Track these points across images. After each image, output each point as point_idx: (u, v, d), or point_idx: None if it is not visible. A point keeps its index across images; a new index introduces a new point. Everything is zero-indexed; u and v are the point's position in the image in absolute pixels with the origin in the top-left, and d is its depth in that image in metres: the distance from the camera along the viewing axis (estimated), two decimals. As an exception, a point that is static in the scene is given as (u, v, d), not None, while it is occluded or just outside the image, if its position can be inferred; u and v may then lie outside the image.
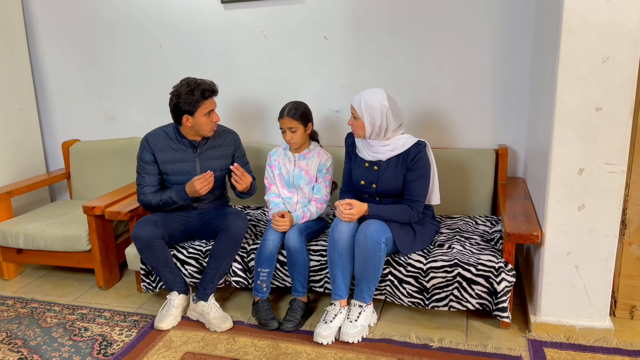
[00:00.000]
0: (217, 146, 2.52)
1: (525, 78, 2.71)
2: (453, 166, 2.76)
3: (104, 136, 3.51)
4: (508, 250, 2.18)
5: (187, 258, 2.50)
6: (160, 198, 2.43)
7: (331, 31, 2.92)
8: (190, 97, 2.32)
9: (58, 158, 3.65)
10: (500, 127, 2.82)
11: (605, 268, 2.08)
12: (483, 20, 2.69)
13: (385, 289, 2.30)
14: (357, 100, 2.25)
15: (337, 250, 2.22)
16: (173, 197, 2.41)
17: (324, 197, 2.49)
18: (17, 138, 3.38)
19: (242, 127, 3.17)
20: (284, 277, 2.44)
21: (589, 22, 1.86)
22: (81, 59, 3.40)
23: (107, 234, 2.79)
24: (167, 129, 2.51)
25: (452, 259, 2.21)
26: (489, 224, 2.59)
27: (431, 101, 2.87)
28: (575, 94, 1.94)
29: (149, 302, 2.67)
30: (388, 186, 2.28)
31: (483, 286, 2.16)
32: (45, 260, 2.88)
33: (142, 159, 2.45)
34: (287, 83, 3.07)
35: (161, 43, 3.22)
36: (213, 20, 3.09)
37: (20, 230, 2.83)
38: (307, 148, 2.55)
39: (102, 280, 2.79)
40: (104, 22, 3.27)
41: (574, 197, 2.04)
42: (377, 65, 2.90)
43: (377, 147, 2.29)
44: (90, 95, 3.46)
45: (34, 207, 3.48)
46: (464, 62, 2.77)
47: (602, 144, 1.96)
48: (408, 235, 2.27)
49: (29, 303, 2.69)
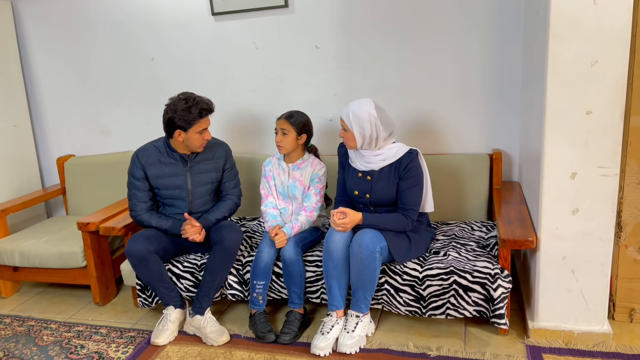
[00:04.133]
0: (207, 159, 2.51)
1: (517, 82, 2.71)
2: (448, 172, 2.75)
3: (98, 151, 3.51)
4: (503, 256, 2.17)
5: (183, 272, 2.49)
6: (154, 224, 2.45)
7: (322, 40, 2.92)
8: (186, 114, 2.32)
9: (53, 174, 3.65)
10: (494, 131, 2.81)
11: (602, 271, 2.07)
12: (473, 26, 2.69)
13: (382, 298, 2.29)
14: (345, 112, 2.25)
15: (332, 261, 2.21)
16: (169, 229, 2.44)
17: (314, 205, 2.47)
18: (11, 155, 3.38)
19: (236, 138, 3.17)
20: (280, 289, 2.43)
21: (576, 26, 1.86)
22: (74, 74, 3.40)
23: (102, 250, 2.78)
24: (157, 143, 2.50)
25: (447, 266, 2.20)
26: (485, 230, 2.58)
27: (424, 107, 2.86)
28: (565, 99, 1.93)
29: (146, 317, 2.66)
30: (382, 196, 2.28)
31: (479, 293, 2.14)
32: (41, 277, 2.87)
33: (132, 174, 2.45)
34: (280, 93, 3.07)
35: (153, 56, 3.22)
36: (204, 32, 3.09)
37: (16, 248, 2.82)
38: (301, 158, 2.54)
39: (99, 296, 2.78)
40: (97, 36, 3.28)
41: (567, 201, 2.03)
42: (369, 73, 2.89)
43: (369, 157, 2.28)
44: (84, 110, 3.46)
45: (31, 223, 3.47)
46: (455, 67, 2.77)
47: (594, 147, 1.95)
48: (403, 243, 2.26)
49: (26, 321, 2.68)
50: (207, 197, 2.53)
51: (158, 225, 2.44)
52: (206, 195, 2.53)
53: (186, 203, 2.48)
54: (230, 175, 2.58)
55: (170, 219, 2.46)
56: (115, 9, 3.19)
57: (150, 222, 2.44)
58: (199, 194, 2.50)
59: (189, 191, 2.47)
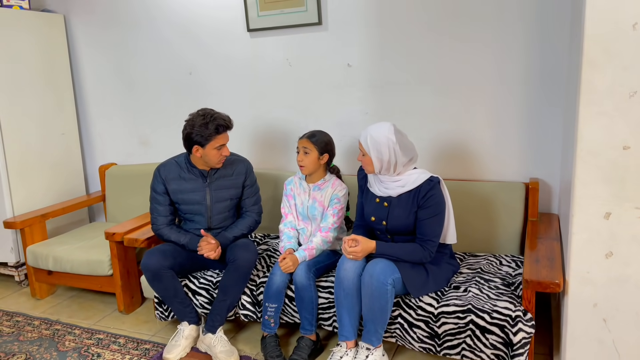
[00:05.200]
0: (227, 175, 2.51)
1: (559, 104, 2.52)
2: (479, 200, 2.59)
3: (138, 160, 3.61)
4: (527, 297, 2.00)
5: (199, 288, 2.49)
6: (173, 238, 2.46)
7: (354, 59, 2.86)
8: (203, 129, 2.33)
9: (98, 181, 3.79)
10: (532, 158, 2.63)
11: (637, 323, 1.85)
12: (513, 44, 2.53)
13: (395, 332, 2.18)
14: (363, 135, 2.17)
15: (343, 289, 2.13)
16: (186, 245, 2.44)
17: (330, 226, 2.40)
18: (59, 161, 3.54)
19: (265, 154, 3.17)
20: (293, 312, 2.37)
21: (613, 53, 1.69)
22: (120, 85, 3.52)
23: (128, 260, 2.84)
24: (178, 158, 2.53)
25: (465, 303, 2.06)
26: (514, 266, 2.40)
27: (456, 129, 2.73)
28: (600, 131, 1.75)
29: (164, 329, 2.68)
30: (399, 224, 2.17)
31: (498, 336, 1.99)
32: (72, 282, 2.97)
33: (154, 189, 2.48)
34: (311, 111, 3.03)
35: (191, 70, 3.28)
36: (239, 48, 3.11)
37: (50, 252, 2.94)
38: (322, 179, 2.48)
39: (123, 305, 2.84)
40: (140, 49, 3.38)
41: (600, 243, 1.84)
42: (401, 93, 2.79)
43: (387, 182, 2.19)
44: (127, 120, 3.57)
45: (73, 227, 3.62)
46: (493, 88, 2.61)
47: (631, 186, 1.76)
48: (419, 276, 2.14)
49: (53, 324, 2.77)
50: (227, 213, 2.53)
51: (176, 240, 2.45)
52: (225, 211, 2.52)
53: (205, 218, 2.49)
54: (250, 192, 2.56)
55: (188, 234, 2.47)
56: (160, 23, 3.28)
57: (170, 237, 2.47)
58: (218, 210, 2.50)
59: (208, 207, 2.47)
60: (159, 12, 3.26)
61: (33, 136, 3.34)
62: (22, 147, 3.27)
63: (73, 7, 3.51)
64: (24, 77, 3.27)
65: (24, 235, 3.07)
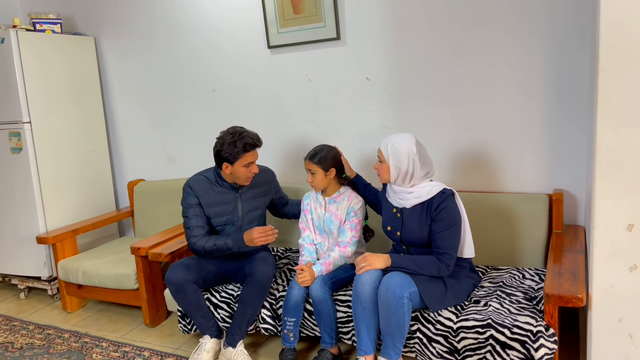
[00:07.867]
0: (256, 185, 2.58)
1: (584, 112, 2.46)
2: (501, 212, 2.55)
3: (165, 176, 3.70)
4: (549, 312, 1.94)
5: (220, 302, 2.52)
6: (214, 243, 2.44)
7: (373, 72, 2.87)
8: (232, 148, 2.38)
9: (126, 197, 3.90)
10: (556, 168, 2.57)
11: (666, 340, 1.78)
12: (536, 51, 2.49)
13: (415, 346, 2.15)
14: (384, 143, 2.18)
15: (360, 303, 2.12)
16: (229, 243, 2.42)
17: (348, 240, 2.40)
18: (89, 178, 3.66)
19: (289, 168, 3.20)
20: (313, 326, 2.37)
21: (631, 60, 1.65)
22: (147, 103, 3.63)
23: (153, 274, 2.90)
24: (207, 173, 2.58)
25: (485, 318, 2.02)
26: (537, 279, 2.34)
27: (477, 140, 2.69)
28: (620, 141, 1.71)
29: (188, 343, 2.72)
30: (412, 235, 2.16)
31: (519, 352, 1.93)
32: (101, 296, 3.05)
33: (187, 203, 2.51)
34: (331, 124, 3.05)
35: (215, 87, 3.36)
36: (261, 65, 3.17)
37: (80, 267, 3.03)
38: (337, 192, 2.49)
39: (149, 318, 2.90)
40: (165, 70, 3.49)
41: (623, 256, 1.78)
42: (419, 106, 2.79)
43: (401, 193, 2.18)
44: (155, 138, 3.67)
45: (104, 242, 3.73)
46: (515, 97, 2.58)
47: (654, 196, 1.70)
48: (437, 289, 2.11)
49: (82, 337, 2.85)
50: (256, 222, 2.60)
51: (220, 244, 2.42)
52: (255, 220, 2.59)
53: (235, 228, 2.53)
54: (281, 192, 2.76)
55: (229, 235, 2.45)
56: (184, 43, 3.38)
57: (212, 243, 2.43)
58: (249, 219, 2.56)
59: (240, 217, 2.53)
60: (183, 32, 3.36)
61: (65, 155, 3.47)
62: (55, 165, 3.41)
63: (103, 30, 3.65)
64: (57, 97, 3.41)
65: (55, 250, 3.18)
